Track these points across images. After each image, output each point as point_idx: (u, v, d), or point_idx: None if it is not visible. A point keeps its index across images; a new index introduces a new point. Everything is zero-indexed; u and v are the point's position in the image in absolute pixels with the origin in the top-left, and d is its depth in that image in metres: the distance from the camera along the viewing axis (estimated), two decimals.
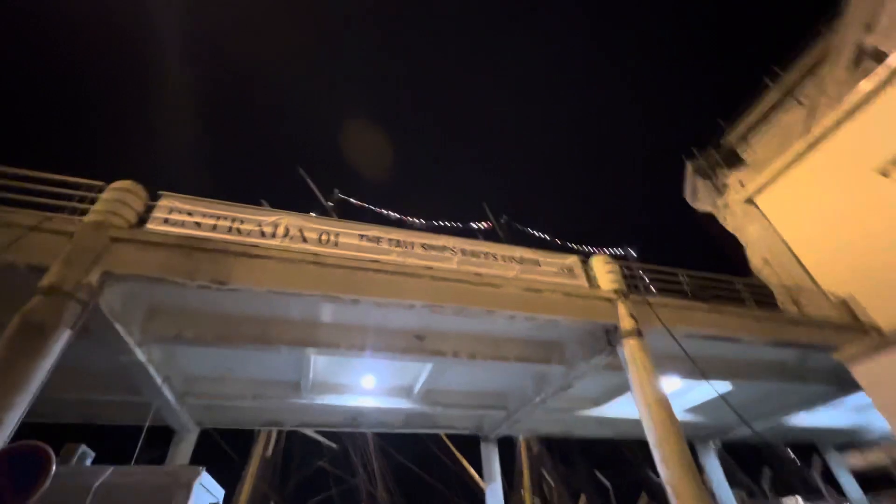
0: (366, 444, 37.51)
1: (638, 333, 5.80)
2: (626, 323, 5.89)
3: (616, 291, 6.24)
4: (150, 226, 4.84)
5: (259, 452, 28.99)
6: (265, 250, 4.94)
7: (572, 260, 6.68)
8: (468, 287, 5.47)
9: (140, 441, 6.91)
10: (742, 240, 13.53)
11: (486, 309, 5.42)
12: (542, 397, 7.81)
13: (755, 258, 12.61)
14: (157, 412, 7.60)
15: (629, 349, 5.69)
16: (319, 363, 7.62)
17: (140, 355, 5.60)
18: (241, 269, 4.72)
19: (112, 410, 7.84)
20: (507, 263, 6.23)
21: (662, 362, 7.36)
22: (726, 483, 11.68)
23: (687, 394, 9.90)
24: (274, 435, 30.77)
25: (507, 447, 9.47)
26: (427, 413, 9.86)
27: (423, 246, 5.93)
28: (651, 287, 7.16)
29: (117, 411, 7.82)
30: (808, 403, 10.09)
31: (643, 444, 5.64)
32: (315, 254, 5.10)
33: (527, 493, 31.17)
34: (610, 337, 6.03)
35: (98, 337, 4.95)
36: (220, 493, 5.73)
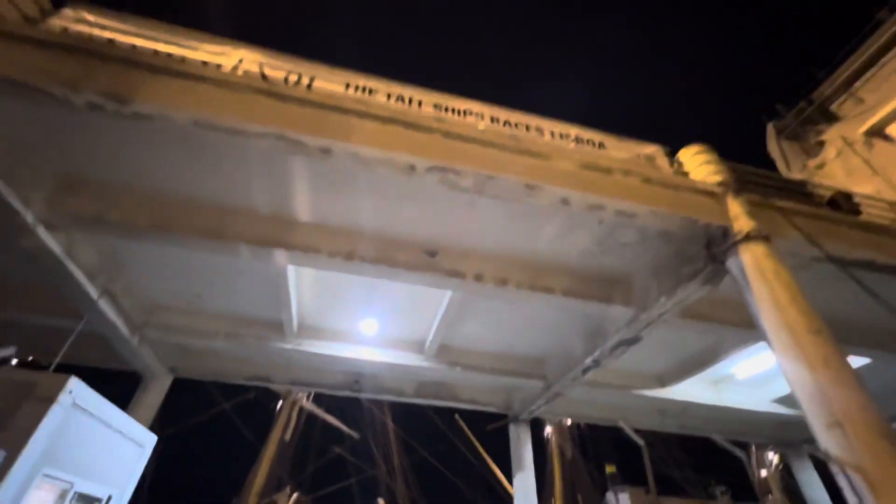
0: (387, 436, 36.19)
1: (763, 238, 3.73)
2: (742, 223, 3.83)
3: (722, 184, 4.18)
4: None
5: (277, 435, 28.23)
6: (197, 69, 3.32)
7: (653, 149, 4.66)
8: (498, 153, 3.63)
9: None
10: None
11: (524, 181, 3.55)
12: (596, 357, 5.79)
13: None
14: (112, 349, 6.24)
15: (752, 259, 3.63)
16: (306, 297, 6.00)
17: (50, 241, 4.15)
18: (155, 86, 3.12)
19: (48, 338, 6.53)
20: (560, 142, 4.33)
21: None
22: None
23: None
24: (294, 418, 29.97)
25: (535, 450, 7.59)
26: (444, 380, 8.04)
27: (436, 107, 4.13)
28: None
29: (53, 339, 6.48)
30: None
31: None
32: (270, 84, 3.43)
33: (558, 499, 28.54)
34: (713, 247, 3.98)
35: None
36: (139, 434, 4.17)
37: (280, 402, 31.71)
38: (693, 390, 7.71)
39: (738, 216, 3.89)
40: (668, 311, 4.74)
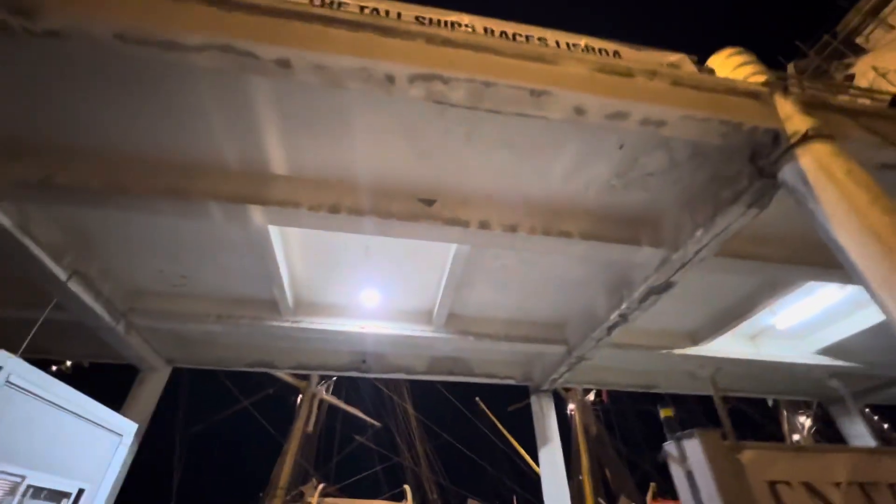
0: (408, 422, 36.18)
1: (826, 136, 3.05)
2: (796, 123, 3.14)
3: (767, 84, 3.48)
4: None
5: (300, 428, 28.35)
6: None
7: (677, 58, 3.95)
8: (495, 58, 2.99)
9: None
10: None
11: (529, 86, 2.92)
12: (622, 311, 5.18)
13: None
14: (102, 341, 5.83)
15: (815, 162, 2.96)
16: (298, 270, 5.49)
17: None
18: None
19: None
20: (569, 51, 3.66)
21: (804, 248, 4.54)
22: None
23: (831, 324, 6.85)
24: (315, 411, 30.06)
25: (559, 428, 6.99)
26: (457, 354, 7.53)
27: (418, 20, 3.49)
28: None
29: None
30: None
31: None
32: None
33: (586, 477, 28.26)
34: (759, 159, 3.31)
35: None
36: (114, 422, 3.71)
37: (300, 396, 31.88)
38: (728, 346, 7.07)
39: (791, 116, 3.21)
40: (705, 247, 4.09)
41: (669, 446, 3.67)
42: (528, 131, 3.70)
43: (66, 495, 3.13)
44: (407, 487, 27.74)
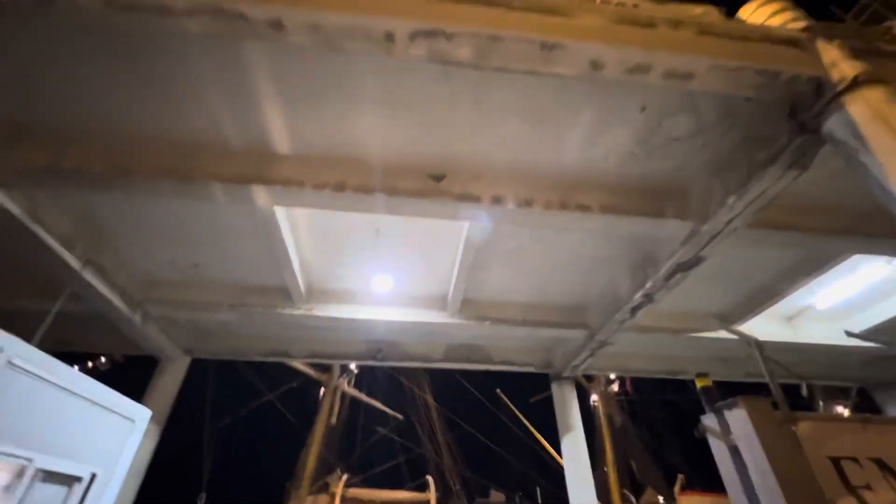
0: (429, 414, 36.35)
1: (879, 81, 2.71)
2: (844, 69, 2.80)
3: (807, 30, 3.14)
4: None
5: (323, 421, 28.81)
6: None
7: (703, 9, 3.61)
8: (502, 12, 2.76)
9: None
10: None
11: (539, 39, 2.68)
12: (647, 291, 4.89)
13: None
14: (121, 333, 5.90)
15: (867, 109, 2.63)
16: (307, 256, 5.39)
17: (6, 202, 3.67)
18: None
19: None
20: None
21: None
22: None
23: (877, 303, 6.37)
24: (337, 403, 30.49)
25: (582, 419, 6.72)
26: (474, 341, 7.35)
27: None
28: None
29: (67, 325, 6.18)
30: None
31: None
32: None
33: (610, 469, 27.81)
34: (801, 112, 2.98)
35: None
36: (127, 407, 3.67)
37: (322, 389, 32.39)
38: (763, 328, 6.65)
39: (837, 62, 2.86)
40: (738, 217, 3.77)
41: (709, 419, 3.24)
42: (541, 96, 3.46)
43: (78, 479, 3.10)
44: (430, 478, 27.94)
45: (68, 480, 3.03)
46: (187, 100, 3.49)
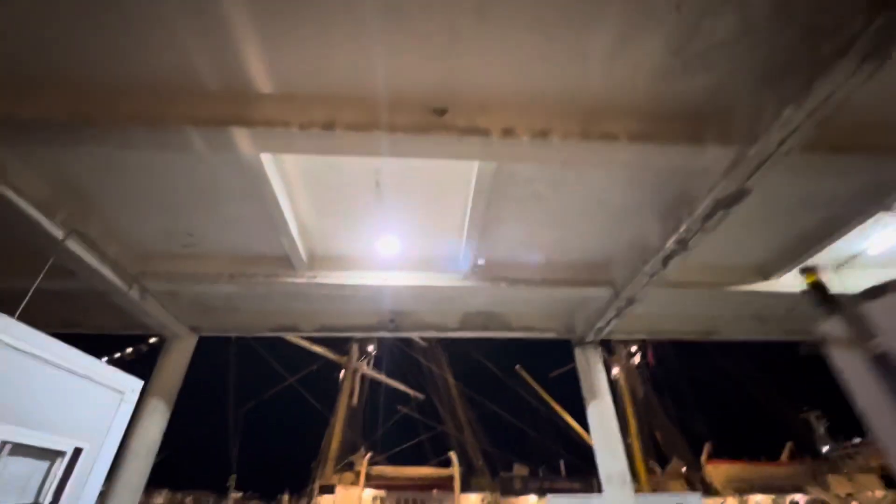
0: (449, 392, 36.61)
1: None
2: None
3: None
4: None
5: (344, 402, 29.23)
6: None
7: None
8: None
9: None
10: None
11: None
12: (681, 235, 4.35)
13: None
14: (125, 311, 5.67)
15: None
16: (305, 216, 5.00)
17: None
18: None
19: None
20: None
21: None
22: None
23: None
24: (357, 385, 30.87)
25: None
26: (492, 308, 6.95)
27: None
28: None
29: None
30: None
31: None
32: None
33: (635, 440, 27.57)
34: None
35: None
36: (115, 379, 3.39)
37: (342, 372, 32.81)
38: (803, 281, 6.05)
39: None
40: (793, 134, 3.19)
41: (831, 325, 2.37)
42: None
43: (61, 453, 2.83)
44: (452, 455, 28.24)
45: (48, 455, 2.76)
46: (152, 35, 3.06)
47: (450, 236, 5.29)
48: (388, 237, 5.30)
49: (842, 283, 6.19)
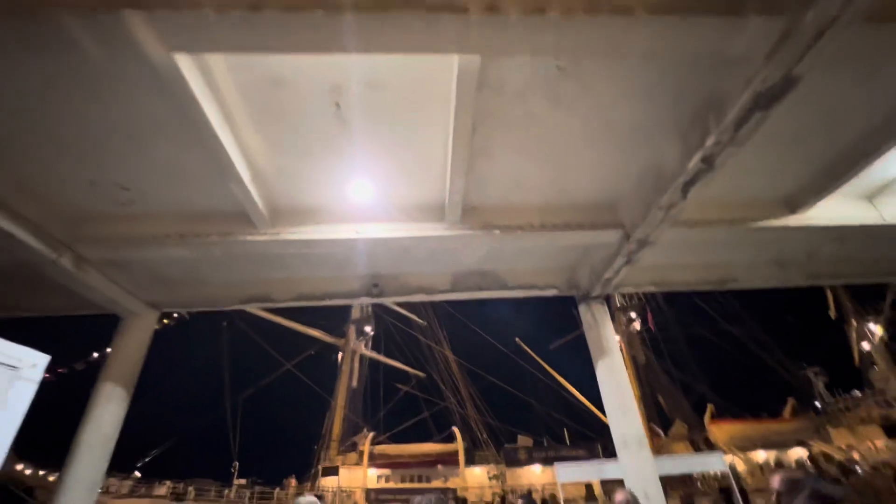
0: (450, 368, 36.49)
1: None
2: None
3: None
4: None
5: (344, 384, 28.92)
6: None
7: None
8: None
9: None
10: None
11: None
12: (708, 150, 3.59)
13: None
14: (65, 286, 4.89)
15: None
16: (254, 153, 4.18)
17: None
18: None
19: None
20: None
21: None
22: None
23: None
24: (357, 366, 30.52)
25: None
26: (484, 265, 6.24)
27: None
28: None
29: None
30: None
31: None
32: None
33: (639, 406, 27.58)
34: None
35: None
36: (11, 353, 2.68)
37: (340, 354, 32.42)
38: (837, 212, 5.37)
39: None
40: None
41: None
42: None
43: None
44: (456, 430, 28.18)
45: None
46: None
47: (431, 176, 4.52)
48: (359, 180, 4.52)
49: (879, 212, 5.52)
